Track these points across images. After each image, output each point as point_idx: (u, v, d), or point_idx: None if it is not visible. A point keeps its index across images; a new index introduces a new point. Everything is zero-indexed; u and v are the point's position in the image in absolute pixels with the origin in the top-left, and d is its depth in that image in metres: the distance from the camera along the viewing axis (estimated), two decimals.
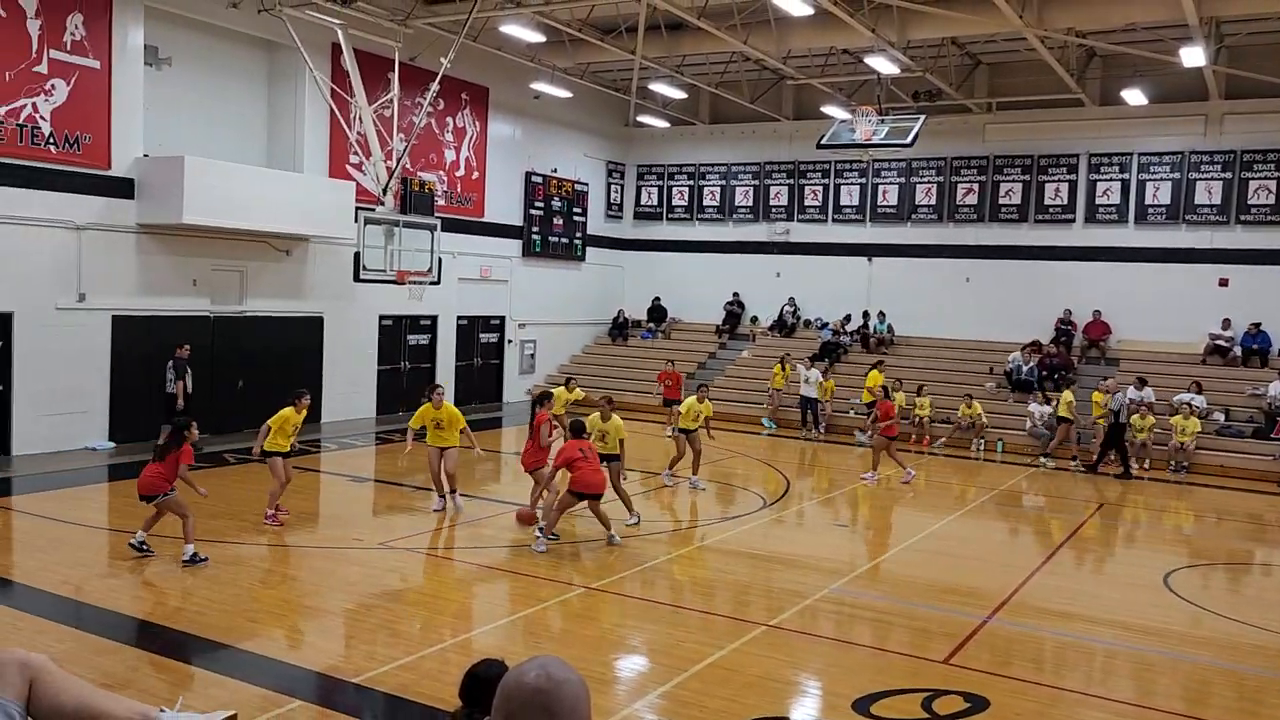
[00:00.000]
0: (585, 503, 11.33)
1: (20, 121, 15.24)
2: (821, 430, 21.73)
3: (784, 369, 22.75)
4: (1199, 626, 9.76)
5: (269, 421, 11.90)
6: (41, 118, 15.51)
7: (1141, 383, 19.58)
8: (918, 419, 21.09)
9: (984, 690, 7.52)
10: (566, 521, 11.83)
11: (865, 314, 25.71)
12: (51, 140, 15.65)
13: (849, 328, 25.73)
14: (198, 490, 10.24)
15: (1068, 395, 19.11)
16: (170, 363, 16.45)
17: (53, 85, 15.62)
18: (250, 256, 18.66)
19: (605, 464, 12.05)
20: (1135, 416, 18.85)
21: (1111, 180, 23.63)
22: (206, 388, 17.34)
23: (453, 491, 12.85)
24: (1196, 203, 22.74)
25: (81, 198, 16.07)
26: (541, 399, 13.59)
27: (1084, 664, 8.66)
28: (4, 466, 14.80)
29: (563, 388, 17.77)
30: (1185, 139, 22.82)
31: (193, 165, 16.47)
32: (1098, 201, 23.76)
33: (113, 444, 16.50)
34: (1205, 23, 17.28)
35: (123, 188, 16.61)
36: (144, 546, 10.25)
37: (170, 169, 16.43)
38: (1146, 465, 18.72)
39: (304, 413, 12.21)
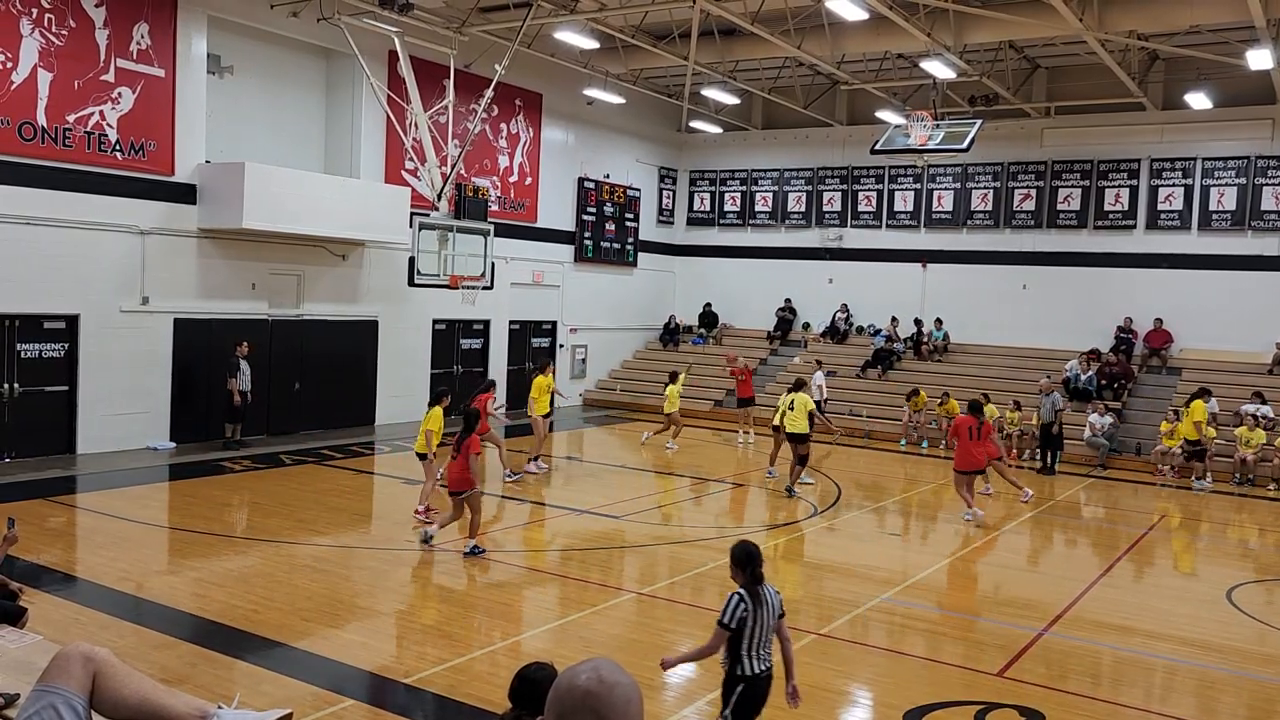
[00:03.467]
0: None
1: (88, 129, 15.64)
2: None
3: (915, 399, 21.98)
4: (1264, 643, 9.49)
5: (430, 426, 12.27)
6: (109, 125, 15.91)
7: (1205, 393, 19.07)
8: (1009, 433, 20.66)
9: (1039, 704, 7.38)
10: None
11: (918, 321, 25.36)
12: (118, 147, 16.04)
13: (900, 332, 25.43)
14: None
15: None
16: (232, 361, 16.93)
17: (119, 93, 16.01)
18: (307, 261, 18.97)
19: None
20: (1190, 429, 18.37)
21: (1174, 186, 23.13)
22: (264, 389, 17.69)
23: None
24: (1263, 209, 22.18)
25: (145, 203, 16.45)
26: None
27: (1143, 679, 8.47)
28: (69, 465, 15.18)
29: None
30: (1251, 143, 22.28)
31: (253, 171, 16.79)
32: (1160, 207, 23.26)
33: (173, 444, 16.84)
34: (1273, 24, 16.84)
35: (185, 193, 16.97)
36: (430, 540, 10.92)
37: (231, 175, 16.78)
38: (1209, 479, 18.24)
39: None
